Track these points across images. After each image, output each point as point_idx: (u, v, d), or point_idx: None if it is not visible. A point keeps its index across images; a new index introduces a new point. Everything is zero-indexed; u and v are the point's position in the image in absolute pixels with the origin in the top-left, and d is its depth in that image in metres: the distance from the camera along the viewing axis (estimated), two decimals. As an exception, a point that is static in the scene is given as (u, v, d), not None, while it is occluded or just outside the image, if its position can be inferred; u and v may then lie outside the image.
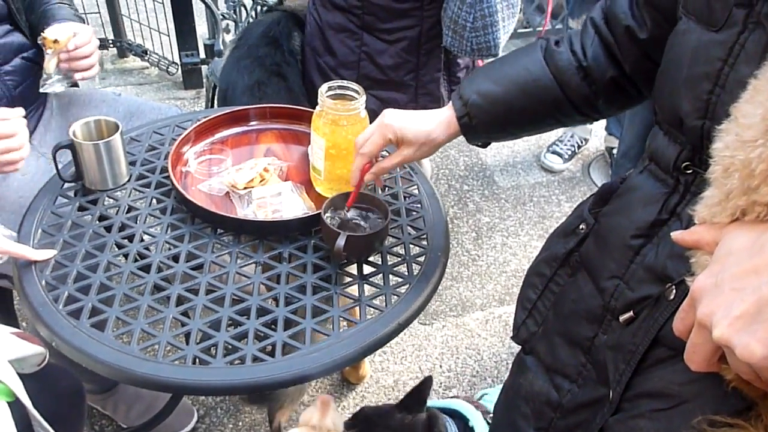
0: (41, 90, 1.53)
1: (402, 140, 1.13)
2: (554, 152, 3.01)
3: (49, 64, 1.49)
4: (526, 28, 3.85)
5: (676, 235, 0.66)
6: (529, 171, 3.00)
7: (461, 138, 1.12)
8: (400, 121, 1.12)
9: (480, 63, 2.09)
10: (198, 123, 1.48)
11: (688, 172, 0.78)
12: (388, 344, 1.85)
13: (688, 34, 0.78)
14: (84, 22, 1.62)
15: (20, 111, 1.28)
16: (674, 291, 0.75)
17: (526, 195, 2.85)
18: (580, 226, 0.97)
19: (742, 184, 0.58)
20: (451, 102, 1.10)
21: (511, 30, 1.85)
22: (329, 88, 1.29)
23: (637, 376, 0.80)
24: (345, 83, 1.30)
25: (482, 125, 1.08)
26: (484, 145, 1.19)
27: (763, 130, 0.56)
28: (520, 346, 1.11)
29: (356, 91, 1.29)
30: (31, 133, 1.65)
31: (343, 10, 1.84)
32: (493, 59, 1.14)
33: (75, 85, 1.85)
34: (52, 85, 1.52)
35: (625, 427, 0.81)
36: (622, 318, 0.82)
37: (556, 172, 2.98)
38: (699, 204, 0.64)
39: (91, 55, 1.52)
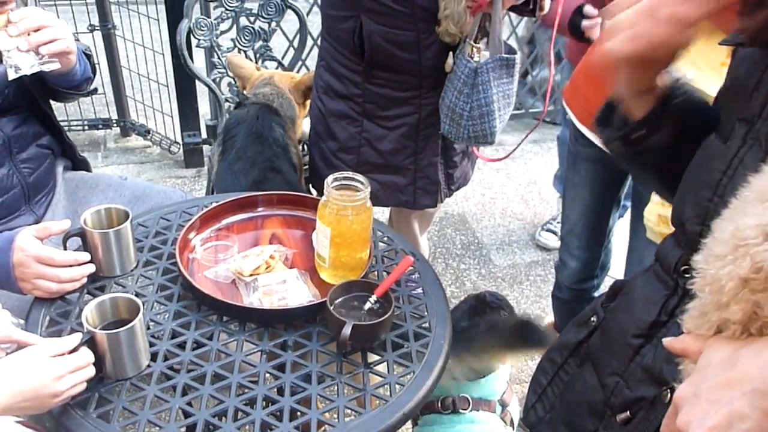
0: (10, 78, 1.43)
1: None
2: (549, 230, 3.06)
3: (5, 42, 1.40)
4: (519, 109, 3.97)
5: (667, 341, 0.69)
6: (525, 249, 3.03)
7: (458, 217, 1.16)
8: None
9: (475, 150, 2.16)
10: (206, 210, 1.51)
11: (687, 276, 0.82)
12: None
13: (707, 144, 0.82)
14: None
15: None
16: (669, 395, 0.77)
17: (523, 274, 2.88)
18: (592, 318, 1.00)
19: (714, 300, 0.61)
20: None
21: (506, 118, 1.92)
22: (335, 179, 1.33)
23: None
24: (350, 174, 1.35)
25: (687, 102, 0.91)
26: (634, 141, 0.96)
27: (732, 247, 0.59)
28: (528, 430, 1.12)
29: (361, 183, 1.33)
30: (41, 218, 1.68)
31: (345, 98, 1.92)
32: None
33: (79, 166, 1.88)
34: (21, 61, 1.41)
35: None
36: (619, 418, 0.84)
37: (551, 249, 3.02)
38: (686, 314, 0.67)
39: (45, 29, 1.43)
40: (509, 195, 3.40)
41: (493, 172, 3.55)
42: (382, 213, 2.66)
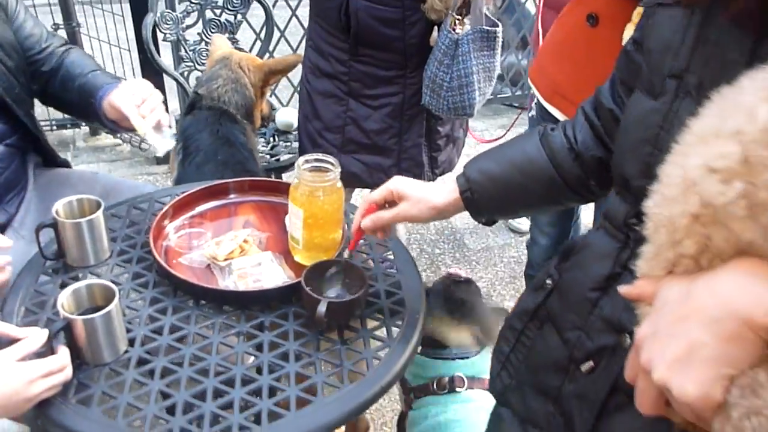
0: (160, 153, 1.53)
1: (400, 195, 1.19)
2: None
3: (141, 124, 1.50)
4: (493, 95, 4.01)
5: (622, 289, 0.72)
6: (498, 233, 3.08)
7: None
8: (404, 181, 1.21)
9: (470, 130, 2.18)
10: (177, 198, 1.52)
11: (636, 228, 0.85)
12: (368, 410, 1.87)
13: (635, 104, 0.86)
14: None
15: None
16: (628, 340, 0.80)
17: (497, 256, 2.92)
18: (547, 281, 1.03)
19: (668, 239, 0.64)
20: (455, 177, 1.17)
21: (488, 93, 1.95)
22: (306, 161, 1.35)
23: (599, 422, 0.85)
24: (321, 156, 1.36)
25: (483, 201, 1.14)
26: (488, 223, 1.22)
27: (681, 188, 0.62)
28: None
29: (332, 164, 1.35)
30: (13, 216, 1.67)
31: (331, 77, 1.94)
32: (497, 145, 1.21)
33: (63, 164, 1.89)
34: (159, 143, 1.52)
35: None
36: (583, 367, 0.87)
37: (523, 233, 3.06)
38: (639, 259, 0.70)
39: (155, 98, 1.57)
40: (481, 180, 3.44)
41: (464, 158, 3.56)
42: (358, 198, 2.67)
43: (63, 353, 1.08)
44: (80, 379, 1.13)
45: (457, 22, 1.79)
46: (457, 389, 1.68)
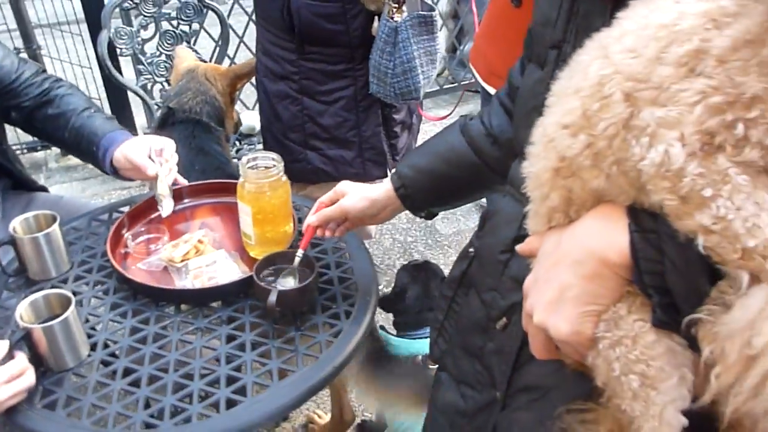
0: (165, 215, 1.54)
1: (342, 192, 1.27)
2: None
3: (162, 186, 1.54)
4: (452, 83, 4.07)
5: (518, 247, 0.78)
6: (468, 216, 3.13)
7: None
8: (348, 182, 1.29)
9: (420, 110, 2.24)
10: (134, 206, 1.57)
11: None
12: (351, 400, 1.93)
13: (528, 75, 0.92)
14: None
15: None
16: None
17: (468, 239, 2.97)
18: (470, 249, 1.09)
19: (539, 194, 0.70)
20: (390, 176, 1.24)
21: (432, 76, 2.00)
22: (249, 160, 1.40)
23: (515, 373, 0.90)
24: (264, 153, 1.42)
25: (417, 194, 1.21)
26: (428, 216, 1.30)
27: (542, 145, 0.68)
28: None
29: (274, 159, 1.40)
30: None
31: (283, 78, 1.99)
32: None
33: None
34: (169, 205, 1.55)
35: (508, 421, 0.92)
36: (498, 325, 0.93)
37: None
38: (527, 218, 0.76)
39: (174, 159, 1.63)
40: (450, 166, 3.49)
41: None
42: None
43: (20, 358, 1.12)
44: (45, 385, 1.18)
45: (394, 10, 1.84)
46: (430, 366, 1.74)
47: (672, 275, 0.58)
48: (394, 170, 1.24)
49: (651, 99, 0.56)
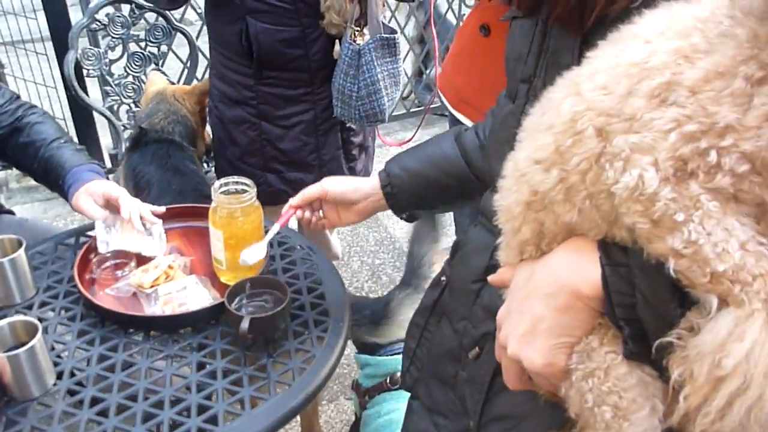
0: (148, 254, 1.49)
1: (327, 180, 1.26)
2: None
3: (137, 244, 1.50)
4: (419, 107, 4.10)
5: (490, 278, 0.80)
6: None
7: None
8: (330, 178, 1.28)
9: (381, 136, 2.25)
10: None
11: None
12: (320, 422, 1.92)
13: (500, 107, 0.94)
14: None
15: None
16: None
17: (409, 234, 2.99)
18: (442, 278, 1.10)
19: (510, 227, 0.72)
20: (378, 173, 1.23)
21: (396, 98, 2.02)
22: (221, 185, 1.39)
23: (487, 403, 0.91)
24: (237, 179, 1.41)
25: (403, 195, 1.21)
26: (410, 219, 1.29)
27: (514, 179, 0.70)
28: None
29: (247, 185, 1.40)
30: None
31: (240, 104, 1.97)
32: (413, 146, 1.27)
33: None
34: (151, 247, 1.51)
35: None
36: (470, 354, 0.94)
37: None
38: (498, 250, 0.77)
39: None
40: (418, 189, 3.51)
41: (378, 165, 3.65)
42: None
43: None
44: (9, 415, 1.15)
45: (356, 33, 1.86)
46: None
47: (642, 306, 0.60)
48: (382, 170, 1.23)
49: (623, 131, 0.58)
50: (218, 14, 1.92)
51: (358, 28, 1.87)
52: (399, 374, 1.75)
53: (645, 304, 0.60)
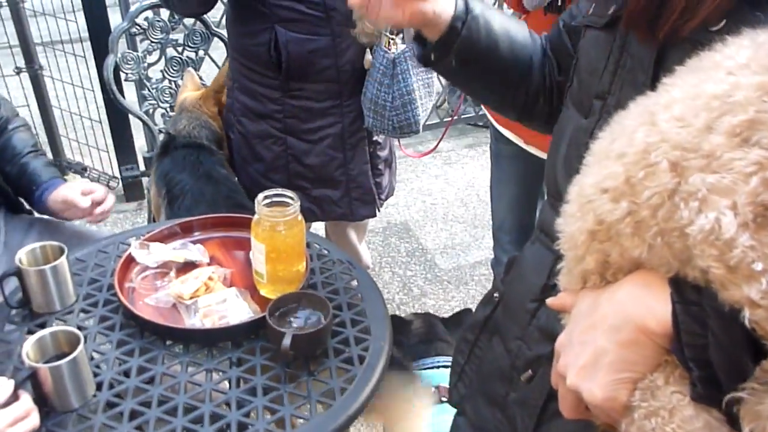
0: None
1: None
2: None
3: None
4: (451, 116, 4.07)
5: (549, 301, 0.78)
6: (468, 251, 3.12)
7: (401, 226, 1.23)
8: None
9: (403, 148, 2.22)
10: (142, 238, 1.53)
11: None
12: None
13: (568, 120, 0.92)
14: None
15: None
16: None
17: (468, 275, 2.96)
18: (495, 294, 1.07)
19: (573, 255, 0.69)
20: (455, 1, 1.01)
21: (429, 108, 1.98)
22: (265, 197, 1.37)
23: (539, 428, 0.89)
24: (280, 191, 1.39)
25: (464, 40, 0.99)
26: (427, 62, 1.06)
27: (579, 206, 0.67)
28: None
29: (291, 198, 1.38)
30: None
31: (265, 117, 1.93)
32: None
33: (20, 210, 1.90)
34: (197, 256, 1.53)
35: None
36: (523, 377, 0.92)
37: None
38: (559, 274, 0.74)
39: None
40: (449, 199, 3.49)
41: (432, 179, 3.64)
42: (321, 224, 2.69)
43: (25, 399, 1.09)
44: (48, 426, 1.14)
45: (391, 42, 1.82)
46: (443, 399, 1.70)
47: (715, 350, 0.57)
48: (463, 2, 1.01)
49: (699, 168, 0.55)
50: (244, 24, 1.87)
51: (393, 37, 1.84)
52: (432, 389, 1.73)
53: (718, 347, 0.57)
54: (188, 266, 1.51)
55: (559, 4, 1.57)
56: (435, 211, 3.39)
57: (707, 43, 0.66)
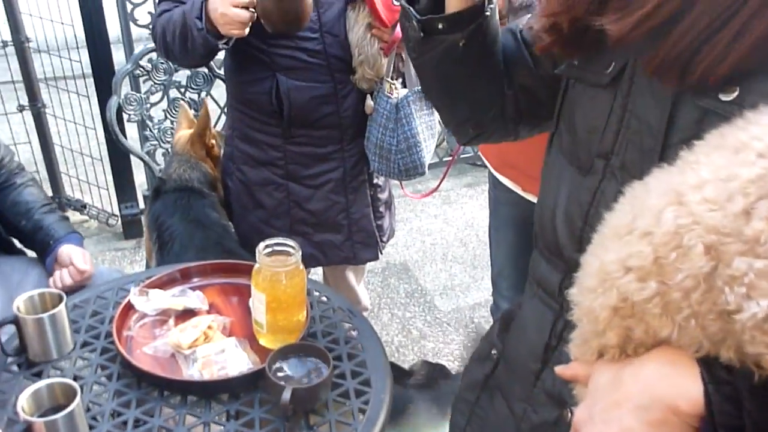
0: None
1: None
2: None
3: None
4: (451, 155, 4.09)
5: (558, 370, 0.76)
6: (468, 292, 3.10)
7: (400, 266, 1.21)
8: None
9: (404, 189, 2.21)
10: (141, 285, 1.52)
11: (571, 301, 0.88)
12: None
13: (561, 171, 0.90)
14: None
15: None
16: (570, 414, 0.83)
17: (467, 317, 2.94)
18: (492, 352, 1.05)
19: (592, 329, 0.68)
20: None
21: (432, 149, 1.98)
22: (266, 246, 1.37)
23: None
24: (281, 240, 1.39)
25: (485, 24, 0.96)
26: (427, 27, 0.99)
27: (599, 281, 0.66)
28: None
29: (292, 247, 1.37)
30: None
31: (266, 165, 1.93)
32: None
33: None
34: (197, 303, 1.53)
35: None
36: None
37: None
38: (571, 343, 0.73)
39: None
40: (448, 240, 3.49)
41: (431, 219, 3.64)
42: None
43: None
44: (42, 482, 1.12)
45: (392, 87, 1.84)
46: None
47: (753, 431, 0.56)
48: None
49: (740, 253, 0.55)
50: (244, 73, 1.88)
51: (394, 82, 1.86)
52: None
53: (755, 429, 0.56)
54: (187, 314, 1.50)
55: None
56: (434, 252, 3.38)
57: (720, 113, 0.66)
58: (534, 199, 1.78)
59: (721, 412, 0.57)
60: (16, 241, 1.92)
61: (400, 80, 1.89)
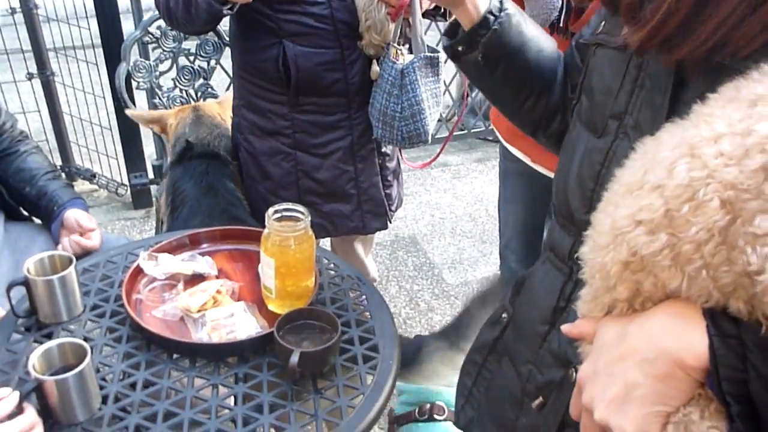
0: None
1: None
2: None
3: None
4: (461, 130, 4.07)
5: (565, 328, 0.76)
6: (476, 266, 3.10)
7: (408, 239, 1.21)
8: None
9: (405, 159, 2.20)
10: (150, 249, 1.53)
11: (580, 262, 0.88)
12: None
13: (578, 139, 0.90)
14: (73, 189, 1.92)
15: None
16: (574, 374, 0.83)
17: (475, 290, 2.94)
18: (503, 315, 1.06)
19: (603, 284, 0.68)
20: None
21: (436, 117, 1.96)
22: (275, 211, 1.36)
23: None
24: (290, 206, 1.38)
25: (495, 38, 1.01)
26: (455, 56, 1.07)
27: (611, 237, 0.66)
28: None
29: (302, 213, 1.37)
30: None
31: (274, 134, 1.92)
32: None
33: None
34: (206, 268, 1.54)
35: None
36: (534, 404, 0.90)
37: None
38: (579, 301, 0.73)
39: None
40: (457, 214, 3.48)
41: (440, 193, 3.63)
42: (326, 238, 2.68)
43: (30, 412, 1.08)
44: (52, 440, 1.13)
45: (398, 52, 1.81)
46: (436, 416, 1.69)
47: (756, 385, 0.56)
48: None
49: (760, 210, 0.54)
50: (250, 40, 1.86)
51: (400, 47, 1.83)
52: (428, 405, 1.71)
53: (760, 382, 0.55)
54: (196, 278, 1.50)
55: (561, 25, 1.56)
56: (443, 226, 3.37)
57: (735, 68, 0.64)
58: (543, 171, 1.77)
59: (726, 366, 0.57)
60: (22, 210, 1.92)
61: (407, 46, 1.86)
